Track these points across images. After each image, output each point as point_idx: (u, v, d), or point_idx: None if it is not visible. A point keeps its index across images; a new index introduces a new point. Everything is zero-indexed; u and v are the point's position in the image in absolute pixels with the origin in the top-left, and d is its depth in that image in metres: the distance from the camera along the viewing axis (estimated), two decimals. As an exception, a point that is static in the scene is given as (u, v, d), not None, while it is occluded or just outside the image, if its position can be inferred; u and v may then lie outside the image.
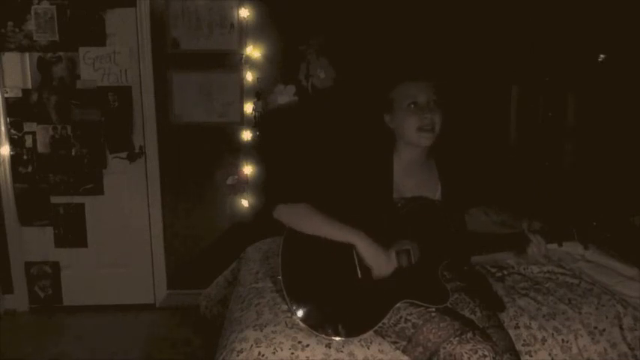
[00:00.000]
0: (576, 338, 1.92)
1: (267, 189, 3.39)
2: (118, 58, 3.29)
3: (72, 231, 3.46)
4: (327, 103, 3.32)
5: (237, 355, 1.75)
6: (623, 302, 2.05)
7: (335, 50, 3.29)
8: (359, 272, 1.79)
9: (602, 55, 2.97)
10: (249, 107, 3.33)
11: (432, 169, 1.95)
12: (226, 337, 1.88)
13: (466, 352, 1.57)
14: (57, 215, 3.44)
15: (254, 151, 3.38)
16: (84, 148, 3.37)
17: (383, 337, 1.78)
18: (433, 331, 1.66)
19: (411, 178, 1.90)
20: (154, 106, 3.34)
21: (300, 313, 1.78)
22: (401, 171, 1.90)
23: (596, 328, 1.96)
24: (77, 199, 3.43)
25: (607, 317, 1.99)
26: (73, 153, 3.38)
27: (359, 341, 1.77)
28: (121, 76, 3.31)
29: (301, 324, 1.78)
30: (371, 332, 1.77)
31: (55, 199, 3.42)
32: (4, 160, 3.32)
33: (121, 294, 3.54)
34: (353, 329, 1.76)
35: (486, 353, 1.57)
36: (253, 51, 3.26)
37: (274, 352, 1.75)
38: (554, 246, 1.81)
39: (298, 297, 1.80)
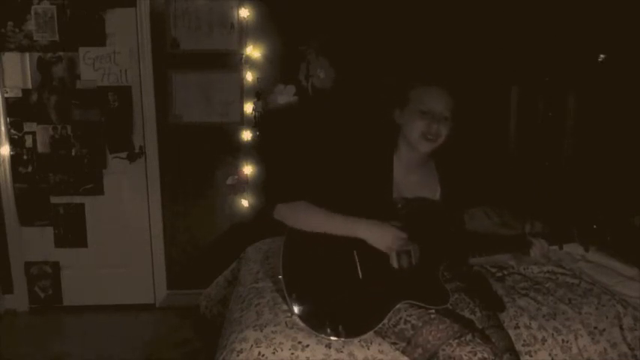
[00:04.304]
0: (576, 338, 1.92)
1: (267, 189, 3.39)
2: (118, 58, 3.29)
3: (72, 231, 3.46)
4: (327, 103, 3.32)
5: (237, 355, 1.75)
6: (623, 302, 2.05)
7: (336, 49, 3.29)
8: (360, 273, 1.79)
9: (602, 55, 2.97)
10: (249, 107, 3.33)
11: (432, 169, 1.96)
12: (226, 337, 1.88)
13: (465, 354, 1.57)
14: (57, 215, 3.44)
15: (254, 151, 3.38)
16: (84, 148, 3.37)
17: (383, 338, 1.79)
18: (432, 332, 1.66)
19: (411, 178, 1.90)
20: (154, 106, 3.34)
21: (300, 313, 1.79)
22: (401, 171, 1.90)
23: (596, 328, 1.96)
24: (77, 199, 3.43)
25: (607, 317, 1.99)
26: (73, 153, 3.38)
27: (359, 342, 1.77)
28: (121, 76, 3.31)
29: (301, 324, 1.78)
30: (371, 333, 1.77)
31: (55, 199, 3.42)
32: (4, 160, 3.32)
33: (121, 294, 3.54)
34: (353, 330, 1.76)
35: (486, 355, 1.57)
36: (253, 51, 3.26)
37: (274, 353, 1.75)
38: (554, 248, 1.82)
39: (299, 297, 1.80)
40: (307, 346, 1.76)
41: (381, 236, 1.76)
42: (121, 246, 3.50)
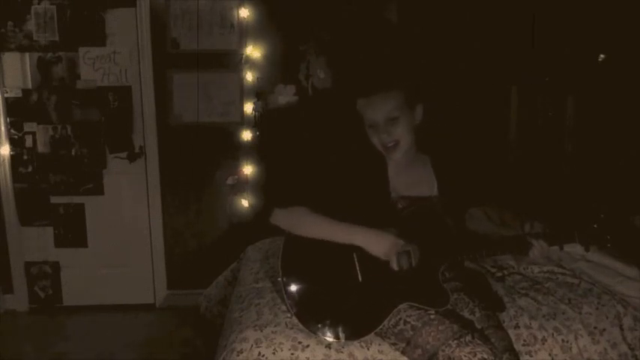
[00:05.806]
0: (576, 338, 1.92)
1: (266, 191, 3.38)
2: (118, 58, 3.29)
3: (72, 231, 3.46)
4: (327, 103, 3.32)
5: (238, 356, 1.75)
6: (623, 302, 2.05)
7: (333, 50, 3.29)
8: (359, 275, 1.79)
9: (602, 55, 2.97)
10: (249, 107, 3.33)
11: (426, 163, 1.96)
12: (226, 338, 1.88)
13: (465, 355, 1.57)
14: (57, 215, 3.44)
15: (254, 151, 3.38)
16: (84, 148, 3.37)
17: (382, 338, 1.78)
18: (432, 333, 1.66)
19: (406, 175, 1.91)
20: (154, 106, 3.34)
21: (299, 315, 1.78)
22: (395, 170, 1.91)
23: (596, 328, 1.96)
24: (77, 199, 3.43)
25: (607, 317, 1.99)
26: (73, 153, 3.38)
27: (359, 342, 1.77)
28: (121, 76, 3.31)
29: (301, 326, 1.78)
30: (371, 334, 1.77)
31: (55, 199, 3.42)
32: (4, 160, 3.32)
33: (121, 294, 3.54)
34: (353, 332, 1.76)
35: (485, 356, 1.57)
36: (253, 51, 3.26)
37: (274, 353, 1.75)
38: (555, 248, 1.81)
39: (298, 299, 1.80)
40: (307, 346, 1.76)
41: (378, 244, 1.76)
42: (121, 246, 3.50)
